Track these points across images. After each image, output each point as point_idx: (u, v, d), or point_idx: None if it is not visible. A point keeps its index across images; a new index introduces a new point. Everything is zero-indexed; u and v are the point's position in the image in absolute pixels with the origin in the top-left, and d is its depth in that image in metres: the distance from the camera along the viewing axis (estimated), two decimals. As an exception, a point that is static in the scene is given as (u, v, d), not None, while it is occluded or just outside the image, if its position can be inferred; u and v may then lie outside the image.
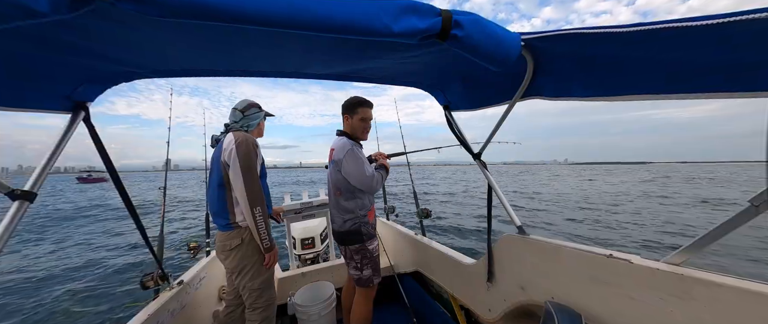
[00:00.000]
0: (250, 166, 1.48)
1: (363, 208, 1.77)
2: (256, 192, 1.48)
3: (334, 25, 0.66)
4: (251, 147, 1.51)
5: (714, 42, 0.66)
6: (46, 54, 0.88)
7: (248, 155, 1.48)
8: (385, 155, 2.15)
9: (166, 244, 2.04)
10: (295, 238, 2.92)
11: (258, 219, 1.48)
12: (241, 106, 1.68)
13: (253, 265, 1.57)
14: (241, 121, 1.66)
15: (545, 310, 1.18)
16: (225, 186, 1.54)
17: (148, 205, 15.50)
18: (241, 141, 1.50)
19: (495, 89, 1.43)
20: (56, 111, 1.13)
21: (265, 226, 1.51)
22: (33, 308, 5.06)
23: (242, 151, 1.47)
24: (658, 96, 0.85)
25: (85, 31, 0.80)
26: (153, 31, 0.85)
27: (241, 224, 1.56)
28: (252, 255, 1.57)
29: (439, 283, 2.19)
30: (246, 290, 1.59)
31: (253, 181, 1.48)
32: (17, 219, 0.93)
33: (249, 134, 1.59)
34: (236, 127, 1.64)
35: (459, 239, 6.42)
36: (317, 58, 1.20)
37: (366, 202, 1.79)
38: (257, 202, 1.47)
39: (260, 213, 1.48)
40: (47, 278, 6.60)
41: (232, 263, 1.58)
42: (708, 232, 0.87)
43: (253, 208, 1.46)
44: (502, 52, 0.83)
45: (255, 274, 1.58)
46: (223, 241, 1.58)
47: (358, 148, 1.76)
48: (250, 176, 1.47)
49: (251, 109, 1.69)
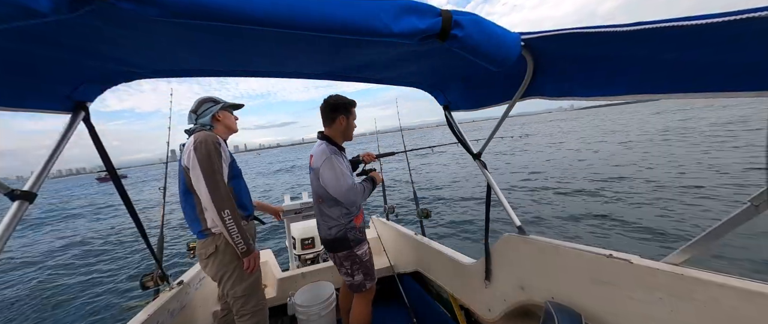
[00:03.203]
0: (212, 168, 1.37)
1: (348, 215, 1.68)
2: (221, 195, 1.36)
3: (334, 25, 0.66)
4: (212, 146, 1.40)
5: (714, 41, 0.66)
6: (46, 54, 0.88)
7: (209, 156, 1.38)
8: (374, 155, 2.08)
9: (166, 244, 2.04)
10: (294, 238, 2.92)
11: (228, 223, 1.37)
12: (194, 107, 1.58)
13: (233, 271, 1.50)
14: (197, 122, 1.56)
15: (545, 310, 1.18)
16: (191, 192, 1.45)
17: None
18: (199, 142, 1.40)
19: (495, 89, 1.43)
20: (56, 111, 1.13)
21: (237, 229, 1.39)
22: (33, 308, 5.07)
23: (202, 152, 1.37)
24: (659, 96, 0.85)
25: (85, 32, 0.80)
26: (153, 31, 0.85)
27: (214, 231, 1.47)
28: (230, 262, 1.49)
29: (439, 283, 2.19)
30: (230, 298, 1.53)
31: (217, 183, 1.36)
32: (17, 219, 0.93)
33: (210, 133, 1.47)
34: (197, 127, 1.53)
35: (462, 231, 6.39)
36: (317, 58, 1.20)
37: (352, 208, 1.70)
38: (224, 204, 1.36)
39: (230, 216, 1.36)
40: (48, 276, 6.61)
41: (211, 271, 1.52)
42: (708, 232, 0.87)
43: (221, 211, 1.35)
44: (502, 52, 0.83)
45: (236, 280, 1.50)
46: (200, 249, 1.52)
47: (339, 156, 1.64)
48: (213, 178, 1.36)
49: (203, 106, 1.58)
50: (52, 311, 4.89)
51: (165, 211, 2.03)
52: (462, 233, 6.27)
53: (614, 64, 0.89)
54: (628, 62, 0.86)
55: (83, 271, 6.69)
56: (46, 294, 5.58)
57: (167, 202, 2.06)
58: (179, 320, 1.70)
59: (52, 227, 13.53)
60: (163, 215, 2.00)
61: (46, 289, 5.83)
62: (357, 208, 1.75)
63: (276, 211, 2.32)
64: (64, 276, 6.49)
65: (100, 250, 8.26)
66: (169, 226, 9.21)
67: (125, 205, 1.50)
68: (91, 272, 6.52)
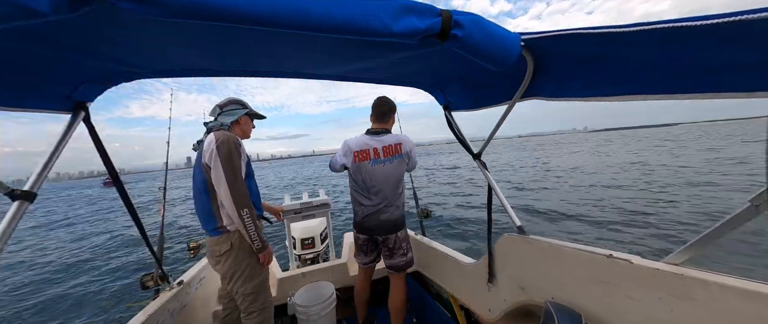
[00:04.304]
0: (233, 167, 1.40)
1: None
2: (241, 194, 1.40)
3: (334, 25, 0.66)
4: (233, 146, 1.44)
5: (714, 42, 0.66)
6: (46, 54, 0.88)
7: (230, 155, 1.41)
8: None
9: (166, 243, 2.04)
10: (295, 238, 2.92)
11: (247, 221, 1.41)
12: (222, 102, 1.62)
13: (245, 269, 1.52)
14: (219, 117, 1.58)
15: (545, 310, 1.18)
16: (209, 189, 1.47)
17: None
18: (222, 141, 1.42)
19: (495, 89, 1.43)
20: (56, 111, 1.13)
21: (254, 227, 1.44)
22: (33, 307, 5.07)
23: (224, 151, 1.40)
24: (659, 96, 0.85)
25: (85, 31, 0.80)
26: (153, 31, 0.85)
27: (230, 228, 1.49)
28: (243, 259, 1.51)
29: (439, 283, 2.19)
30: (239, 295, 1.55)
31: (238, 183, 1.40)
32: (17, 219, 0.93)
33: (230, 133, 1.51)
34: (216, 125, 1.56)
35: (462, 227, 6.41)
36: (317, 58, 1.20)
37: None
38: (244, 203, 1.40)
39: (248, 214, 1.41)
40: (48, 276, 6.61)
41: (223, 269, 1.54)
42: (708, 232, 0.87)
43: (240, 210, 1.39)
44: (502, 52, 0.83)
45: (247, 278, 1.53)
46: (213, 246, 1.53)
47: None
48: (234, 178, 1.40)
49: (230, 106, 1.62)
50: (52, 311, 4.89)
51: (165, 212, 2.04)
52: (462, 233, 6.27)
53: (615, 65, 0.89)
54: (628, 63, 0.86)
55: (83, 271, 6.69)
56: (47, 294, 5.58)
57: (167, 203, 2.06)
58: (179, 320, 1.70)
59: (52, 228, 13.53)
60: (163, 215, 2.00)
61: (45, 289, 5.83)
62: None
63: (277, 211, 2.32)
64: (64, 276, 6.49)
65: (100, 250, 8.26)
66: (169, 227, 9.22)
67: (126, 206, 1.51)
68: (91, 272, 6.52)
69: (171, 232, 9.18)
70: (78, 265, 7.16)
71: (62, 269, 6.94)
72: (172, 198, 18.25)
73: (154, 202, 17.33)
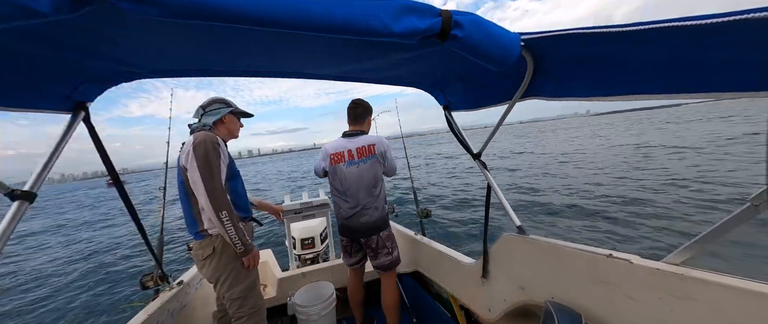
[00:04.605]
0: (210, 168, 1.36)
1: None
2: (218, 195, 1.35)
3: (334, 25, 0.66)
4: (211, 147, 1.39)
5: (714, 42, 0.66)
6: (46, 54, 0.88)
7: (207, 156, 1.36)
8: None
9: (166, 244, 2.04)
10: (295, 238, 2.92)
11: (226, 224, 1.36)
12: (204, 103, 1.59)
13: (230, 273, 1.48)
14: (202, 118, 1.55)
15: (545, 310, 1.18)
16: (189, 192, 1.44)
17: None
18: (198, 141, 1.38)
19: (495, 89, 1.43)
20: (56, 111, 1.13)
21: (235, 230, 1.38)
22: (33, 306, 5.07)
23: (201, 152, 1.36)
24: (659, 96, 0.85)
25: (86, 31, 0.80)
26: (153, 31, 0.85)
27: (212, 232, 1.46)
28: (227, 263, 1.47)
29: (439, 283, 2.19)
30: (227, 300, 1.51)
31: (215, 184, 1.35)
32: (17, 219, 0.94)
33: (210, 133, 1.46)
34: (198, 126, 1.54)
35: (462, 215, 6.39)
36: (317, 59, 1.20)
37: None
38: (222, 205, 1.35)
39: (227, 217, 1.36)
40: (48, 276, 6.61)
41: (207, 273, 1.51)
42: (708, 232, 0.87)
43: (218, 212, 1.34)
44: (502, 52, 0.83)
45: (233, 282, 1.49)
46: (196, 250, 1.50)
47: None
48: (211, 179, 1.35)
49: (213, 105, 1.58)
50: (51, 311, 4.89)
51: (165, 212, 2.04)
52: (462, 233, 6.27)
53: (614, 65, 0.89)
54: (628, 62, 0.86)
55: (83, 271, 6.69)
56: (46, 294, 5.58)
57: (167, 202, 2.06)
58: (179, 320, 1.70)
59: (52, 228, 13.53)
60: (163, 215, 2.00)
61: (45, 289, 5.83)
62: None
63: (276, 211, 2.31)
64: (64, 276, 6.49)
65: (100, 251, 8.26)
66: (169, 226, 9.20)
67: (126, 206, 1.51)
68: (91, 272, 6.52)
69: (171, 232, 9.18)
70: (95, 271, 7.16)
71: (63, 269, 6.93)
72: (172, 198, 18.29)
73: (154, 200, 17.31)
